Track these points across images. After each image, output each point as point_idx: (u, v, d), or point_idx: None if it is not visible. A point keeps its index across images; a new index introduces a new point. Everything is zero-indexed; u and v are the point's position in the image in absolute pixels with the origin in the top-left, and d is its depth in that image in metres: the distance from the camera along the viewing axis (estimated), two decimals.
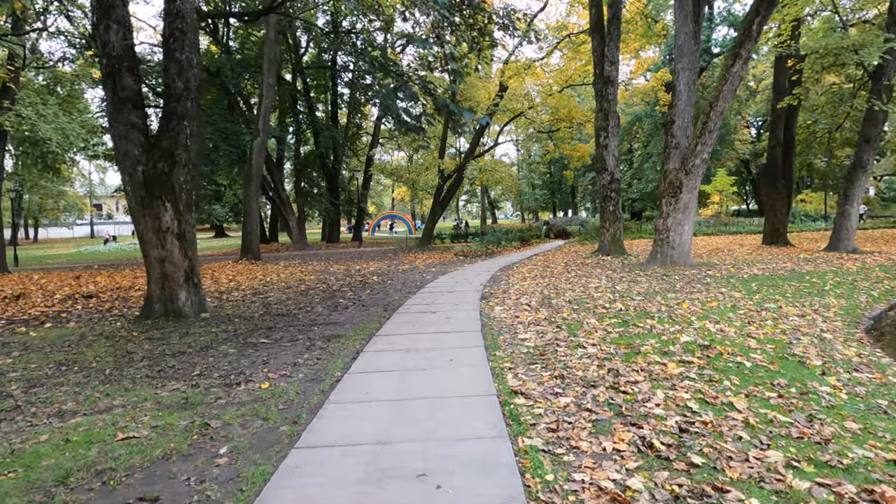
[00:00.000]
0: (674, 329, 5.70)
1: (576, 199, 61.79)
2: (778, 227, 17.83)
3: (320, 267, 16.61)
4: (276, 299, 9.56)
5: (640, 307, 7.10)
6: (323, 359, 5.18)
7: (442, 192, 25.78)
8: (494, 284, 10.41)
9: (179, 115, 7.59)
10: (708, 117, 11.27)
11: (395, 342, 5.62)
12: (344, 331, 6.49)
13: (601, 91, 15.21)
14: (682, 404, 3.46)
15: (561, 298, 8.05)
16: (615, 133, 15.23)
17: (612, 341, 5.25)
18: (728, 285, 9.09)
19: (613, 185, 15.20)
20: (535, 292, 8.90)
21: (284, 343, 5.99)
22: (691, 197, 11.85)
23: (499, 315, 6.98)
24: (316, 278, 13.15)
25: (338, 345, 5.75)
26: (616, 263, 13.13)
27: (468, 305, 7.86)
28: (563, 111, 24.16)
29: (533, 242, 25.59)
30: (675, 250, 11.93)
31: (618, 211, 15.24)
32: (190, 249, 7.71)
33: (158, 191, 7.43)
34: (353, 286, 11.20)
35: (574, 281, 10.14)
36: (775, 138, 17.88)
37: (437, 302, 8.34)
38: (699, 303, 7.43)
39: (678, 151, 11.98)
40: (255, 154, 18.95)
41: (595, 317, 6.47)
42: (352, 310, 8.15)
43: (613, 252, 14.91)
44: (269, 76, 19.14)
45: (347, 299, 9.30)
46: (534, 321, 6.37)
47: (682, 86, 11.95)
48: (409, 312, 7.50)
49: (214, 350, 5.81)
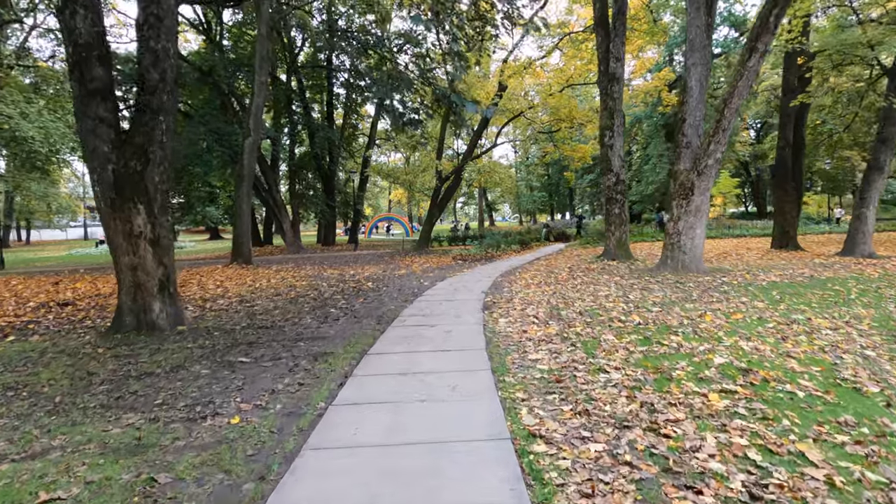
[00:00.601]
0: (703, 348, 5.06)
1: (574, 201, 61.27)
2: (788, 231, 17.24)
3: (313, 272, 15.95)
4: (263, 308, 8.89)
5: (659, 320, 6.46)
6: (306, 384, 4.52)
7: (439, 193, 25.12)
8: (497, 292, 9.76)
9: (154, 109, 6.92)
10: (722, 115, 10.66)
11: (389, 363, 4.96)
12: (333, 347, 5.82)
13: (606, 89, 14.60)
14: (742, 454, 2.81)
15: (571, 309, 7.41)
16: (620, 132, 14.61)
17: (636, 363, 4.60)
18: (748, 294, 8.46)
19: (619, 186, 14.58)
20: (542, 302, 8.25)
21: (265, 362, 5.33)
22: (703, 199, 11.23)
23: (504, 329, 6.33)
24: (307, 284, 12.49)
25: (325, 365, 5.09)
26: (623, 269, 12.50)
27: (470, 317, 7.21)
28: (563, 111, 23.54)
29: (533, 246, 24.95)
30: (686, 255, 11.31)
31: (623, 213, 14.61)
32: (165, 256, 7.03)
33: (130, 192, 6.76)
34: (346, 293, 10.54)
35: (582, 289, 9.50)
36: (784, 139, 17.29)
37: (435, 312, 7.69)
38: (722, 315, 6.79)
39: (689, 151, 11.36)
40: (247, 154, 18.26)
41: (612, 332, 5.82)
42: (343, 321, 7.49)
43: (619, 256, 14.28)
44: (261, 74, 18.46)
45: (339, 309, 8.63)
46: (544, 337, 5.72)
47: (693, 82, 11.33)
48: (405, 325, 6.84)
49: (185, 371, 5.15)
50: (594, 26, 15.43)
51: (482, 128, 25.42)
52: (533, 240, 26.42)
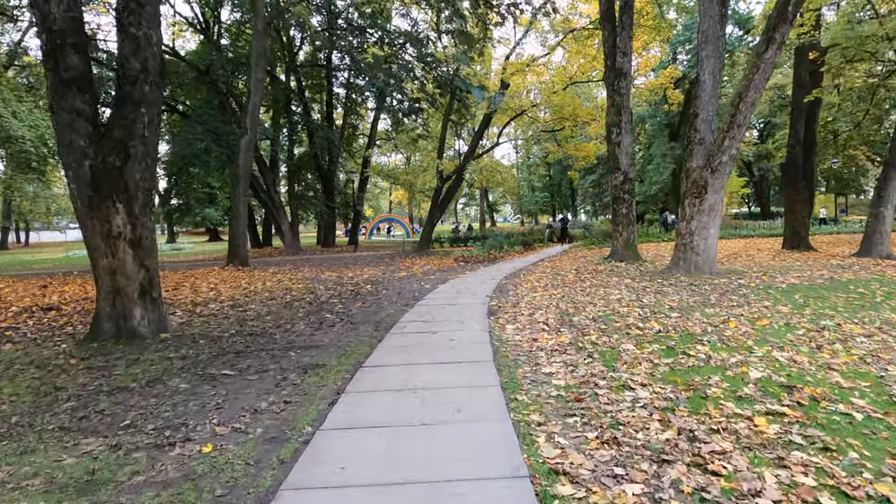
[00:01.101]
0: (735, 359, 4.56)
1: (575, 201, 60.80)
2: (799, 231, 16.72)
3: (311, 274, 15.46)
4: (255, 314, 8.40)
5: (680, 327, 5.96)
6: (293, 402, 4.03)
7: (440, 194, 24.62)
8: (502, 295, 9.26)
9: (135, 100, 6.44)
10: (737, 109, 10.16)
11: (386, 377, 4.47)
12: (326, 358, 5.33)
13: (613, 84, 14.11)
14: (813, 500, 2.32)
15: (582, 315, 6.91)
16: (628, 129, 14.12)
17: (663, 378, 4.10)
18: (769, 297, 7.96)
19: (627, 185, 14.08)
20: (551, 306, 7.75)
21: (251, 375, 4.84)
22: (717, 198, 10.73)
23: (512, 337, 5.84)
24: (304, 287, 12.01)
25: (315, 379, 4.60)
26: (633, 270, 12.00)
27: (474, 323, 6.71)
28: (567, 109, 23.05)
29: (536, 247, 24.45)
30: (699, 256, 10.81)
31: (631, 213, 14.12)
32: (147, 258, 6.55)
33: (108, 189, 6.27)
34: (344, 297, 10.05)
35: (592, 292, 9.00)
36: (795, 137, 16.78)
37: (437, 318, 7.19)
38: (747, 321, 6.29)
39: (702, 148, 10.87)
40: (243, 153, 17.78)
41: (631, 341, 5.32)
42: (338, 328, 6.99)
43: (627, 258, 13.78)
44: (257, 71, 17.99)
45: (335, 314, 8.15)
46: (557, 346, 5.22)
47: (706, 75, 10.84)
48: (404, 332, 6.35)
49: (162, 385, 4.66)
50: (600, 20, 14.96)
51: (484, 126, 24.94)
52: (536, 240, 25.93)
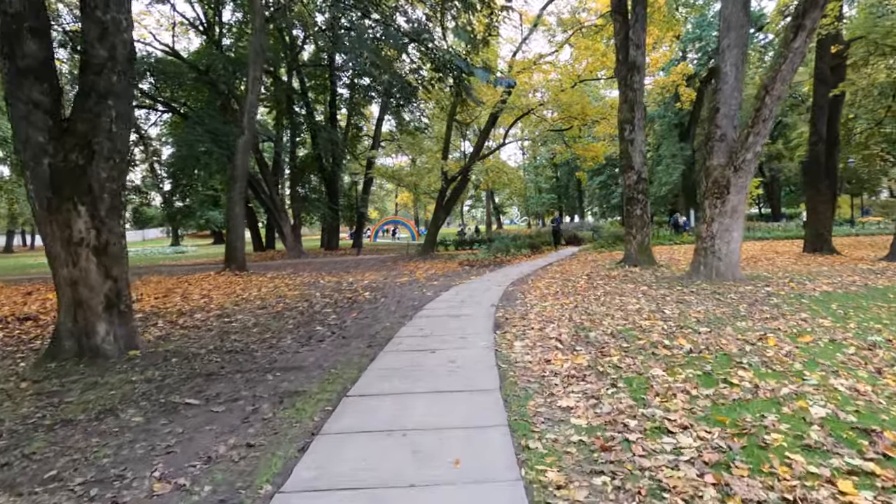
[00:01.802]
0: (787, 390, 3.83)
1: (583, 203, 59.97)
2: (822, 233, 15.91)
3: (310, 279, 14.81)
4: (241, 325, 7.74)
5: (713, 345, 5.23)
6: (258, 445, 3.34)
7: (445, 195, 23.93)
8: (509, 305, 8.55)
9: (101, 92, 5.79)
10: (762, 103, 9.42)
11: (372, 411, 3.77)
12: (307, 383, 4.65)
13: (625, 79, 13.37)
14: None
15: (600, 329, 6.19)
16: (642, 126, 13.38)
17: (707, 417, 3.38)
18: (804, 308, 7.21)
19: (640, 185, 13.33)
20: (563, 318, 7.04)
21: (217, 405, 4.16)
22: (740, 198, 9.98)
23: (521, 357, 5.13)
24: (300, 294, 11.36)
25: (290, 412, 3.91)
26: (649, 276, 11.25)
27: (478, 339, 6.01)
28: (575, 108, 22.29)
29: (544, 250, 23.70)
30: (721, 262, 10.06)
31: (646, 215, 13.36)
32: (115, 267, 5.88)
33: (70, 190, 5.62)
34: (340, 306, 9.37)
35: (607, 301, 8.27)
36: (817, 134, 15.99)
37: (437, 332, 6.49)
38: (787, 337, 5.55)
39: (724, 145, 10.12)
40: (241, 154, 17.18)
41: (660, 364, 4.59)
42: (328, 343, 6.31)
43: (642, 262, 13.03)
44: (255, 69, 17.38)
45: (327, 326, 7.47)
46: (574, 371, 4.51)
47: (728, 66, 10.10)
48: (399, 350, 5.65)
49: (114, 417, 3.99)
50: (611, 12, 14.24)
51: (490, 126, 24.23)
52: (543, 243, 25.18)
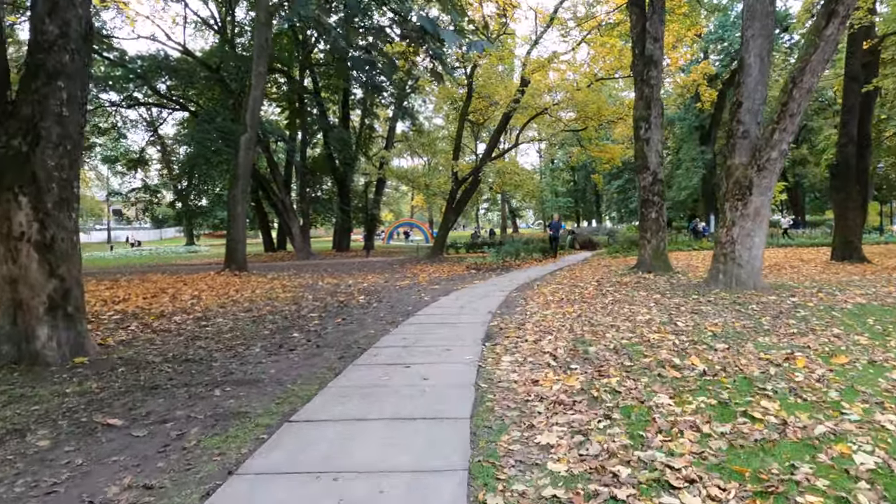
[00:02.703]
0: (823, 428, 3.09)
1: (600, 207, 58.94)
2: (851, 241, 14.93)
3: (310, 280, 14.27)
4: (216, 330, 7.16)
5: (731, 365, 4.49)
6: (158, 487, 2.70)
7: (456, 196, 23.26)
8: (507, 312, 7.86)
9: (50, 71, 5.25)
10: (789, 97, 8.61)
11: (310, 444, 3.12)
12: (254, 402, 4.02)
13: (641, 74, 12.61)
14: None
15: (601, 343, 5.47)
16: (658, 124, 12.59)
17: (720, 466, 2.66)
18: (836, 322, 6.40)
19: (656, 186, 12.53)
20: (563, 329, 6.32)
21: (140, 428, 3.55)
22: (764, 200, 9.17)
23: (506, 376, 4.44)
24: (292, 296, 10.79)
25: (218, 441, 3.28)
26: (663, 283, 10.47)
27: (464, 351, 5.34)
28: (590, 108, 21.50)
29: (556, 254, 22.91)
30: (742, 269, 9.24)
31: (661, 218, 12.56)
32: (63, 265, 5.33)
33: (11, 179, 5.08)
34: (327, 310, 8.76)
35: (615, 310, 7.53)
36: (847, 135, 15.02)
37: (421, 342, 5.83)
38: (819, 357, 4.79)
39: (747, 142, 9.32)
40: (243, 151, 16.70)
41: (667, 389, 3.87)
42: (298, 352, 5.69)
43: (656, 268, 12.21)
44: (258, 64, 16.92)
45: (306, 332, 6.85)
46: (564, 395, 3.81)
47: (752, 58, 9.30)
48: (372, 364, 5.00)
49: (19, 441, 3.40)
50: (628, 4, 13.49)
51: (503, 126, 23.54)
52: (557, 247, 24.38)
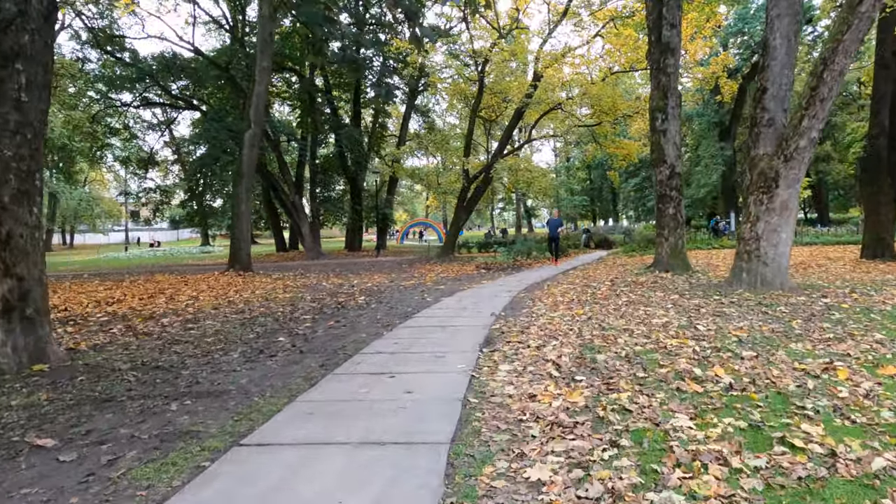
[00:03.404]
0: (882, 462, 2.49)
1: (617, 206, 57.94)
2: (883, 237, 14.08)
3: (314, 280, 13.85)
4: (200, 333, 6.71)
5: (761, 378, 3.89)
6: None
7: (467, 194, 22.71)
8: (512, 314, 7.30)
9: (7, 53, 4.83)
10: (819, 80, 7.93)
11: (253, 477, 2.60)
12: (210, 419, 3.52)
13: (658, 62, 11.95)
14: None
15: (611, 350, 4.89)
16: (676, 115, 11.92)
17: None
18: (876, 326, 5.74)
19: (674, 180, 11.86)
20: (570, 333, 5.75)
21: (71, 450, 3.07)
22: (791, 193, 8.48)
23: (501, 388, 3.90)
24: (291, 297, 10.35)
25: (151, 470, 2.78)
26: (681, 283, 9.81)
27: (458, 358, 4.80)
28: (605, 102, 20.77)
29: (570, 253, 22.25)
30: (767, 267, 8.57)
31: (680, 214, 11.87)
32: (21, 264, 4.89)
33: None
34: (322, 312, 8.28)
35: (629, 312, 6.94)
36: (878, 126, 14.19)
37: (413, 348, 5.31)
38: (863, 367, 4.17)
39: (772, 131, 8.64)
40: (247, 148, 16.34)
41: (687, 407, 3.30)
42: (278, 360, 5.20)
43: (674, 267, 11.54)
44: (262, 59, 16.55)
45: (293, 336, 6.37)
46: (563, 415, 3.25)
47: (777, 39, 8.62)
48: (354, 373, 4.48)
49: None
50: None
51: (515, 122, 22.91)
52: (571, 246, 23.72)
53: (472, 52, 22.27)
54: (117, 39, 26.31)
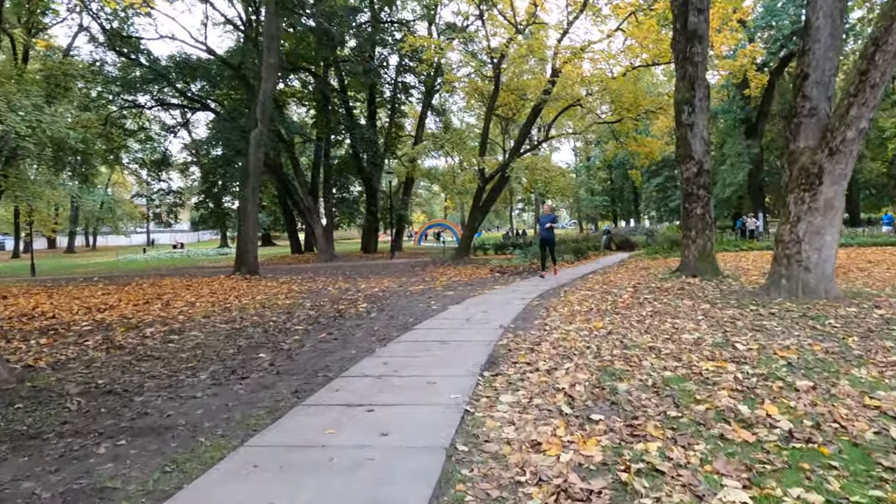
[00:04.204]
0: None
1: (638, 206, 56.53)
2: None
3: (320, 285, 13.27)
4: (176, 348, 6.10)
5: (825, 418, 3.10)
6: None
7: (482, 195, 21.95)
8: (523, 327, 6.55)
9: None
10: (871, 62, 7.03)
11: None
12: (133, 473, 2.86)
13: (684, 51, 11.07)
14: None
15: (636, 377, 4.11)
16: (704, 108, 11.03)
17: None
18: None
19: (701, 178, 10.96)
20: (587, 352, 4.99)
21: None
22: (837, 191, 7.59)
23: (498, 430, 3.16)
24: (290, 304, 9.76)
25: None
26: (711, 290, 8.95)
27: (451, 386, 4.07)
28: (626, 97, 19.82)
29: (590, 255, 21.35)
30: (810, 273, 7.68)
31: (708, 214, 10.97)
32: None
33: None
34: (318, 322, 7.63)
35: (654, 325, 6.13)
36: None
37: (403, 371, 4.60)
38: None
39: (814, 121, 7.76)
40: (253, 148, 15.84)
41: (737, 468, 2.53)
42: (249, 383, 4.53)
43: (702, 272, 10.63)
44: (269, 55, 16.01)
45: (275, 352, 5.71)
46: (574, 477, 2.50)
47: (820, 18, 7.73)
48: (325, 404, 3.79)
49: None
50: None
51: (532, 119, 22.08)
52: (590, 248, 22.79)
53: (488, 49, 21.55)
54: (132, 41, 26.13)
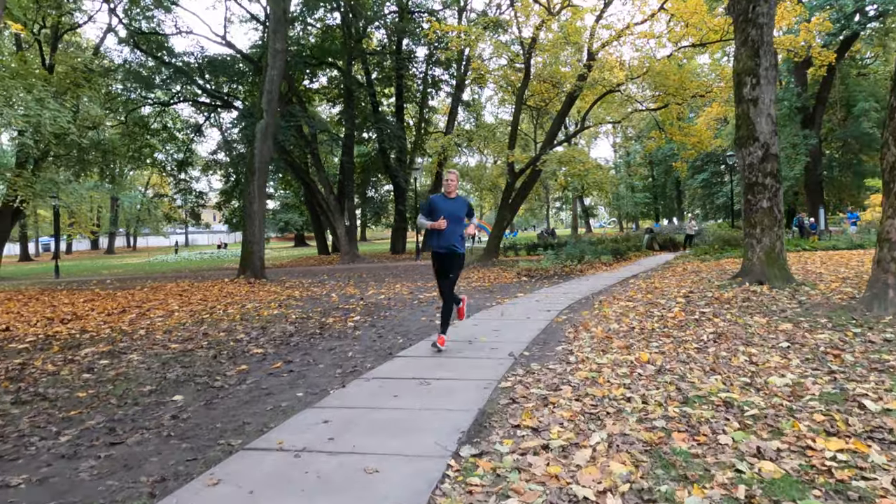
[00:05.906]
0: None
1: (682, 204, 53.51)
2: None
3: (324, 290, 11.94)
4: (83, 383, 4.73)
5: None
6: None
7: (512, 191, 20.25)
8: (539, 357, 4.91)
9: None
10: None
11: None
12: None
13: (745, 12, 9.14)
14: None
15: (711, 474, 2.45)
16: (771, 79, 9.08)
17: None
18: None
19: (768, 164, 9.01)
20: (626, 409, 3.32)
21: None
22: None
23: None
24: (278, 314, 8.52)
25: None
26: (786, 302, 7.07)
27: (401, 482, 2.51)
28: (671, 80, 17.79)
29: (631, 257, 19.36)
30: None
31: (776, 208, 9.00)
32: None
33: None
34: (287, 342, 6.18)
35: (720, 357, 4.40)
36: None
37: (340, 442, 3.05)
38: None
39: None
40: (258, 141, 14.59)
41: None
42: (118, 451, 3.07)
43: (772, 278, 8.67)
44: (275, 40, 14.76)
45: (199, 392, 4.27)
46: None
47: None
48: (245, 474, 2.28)
49: None
50: None
51: (567, 108, 20.26)
52: (631, 248, 20.79)
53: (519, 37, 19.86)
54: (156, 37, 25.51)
